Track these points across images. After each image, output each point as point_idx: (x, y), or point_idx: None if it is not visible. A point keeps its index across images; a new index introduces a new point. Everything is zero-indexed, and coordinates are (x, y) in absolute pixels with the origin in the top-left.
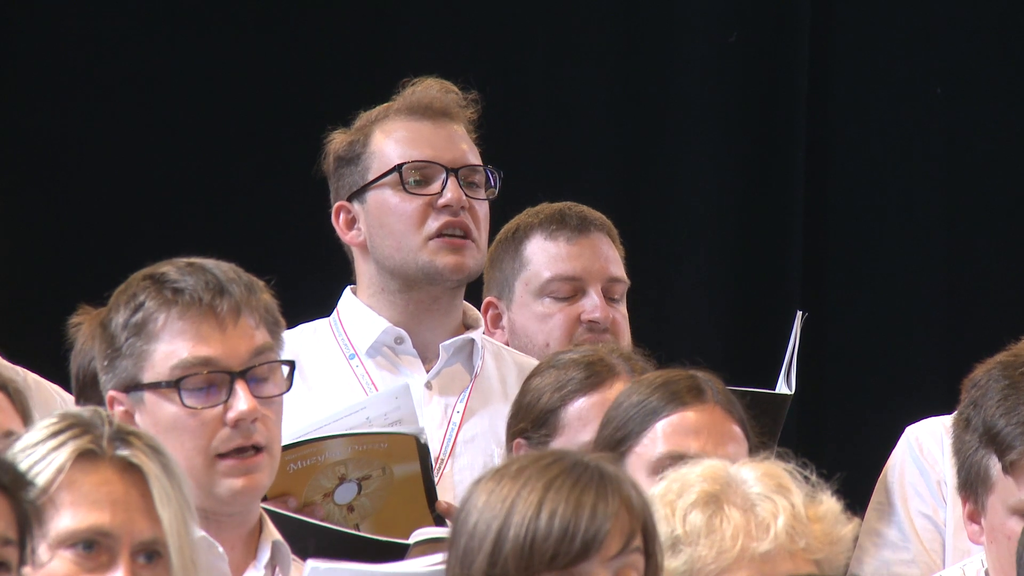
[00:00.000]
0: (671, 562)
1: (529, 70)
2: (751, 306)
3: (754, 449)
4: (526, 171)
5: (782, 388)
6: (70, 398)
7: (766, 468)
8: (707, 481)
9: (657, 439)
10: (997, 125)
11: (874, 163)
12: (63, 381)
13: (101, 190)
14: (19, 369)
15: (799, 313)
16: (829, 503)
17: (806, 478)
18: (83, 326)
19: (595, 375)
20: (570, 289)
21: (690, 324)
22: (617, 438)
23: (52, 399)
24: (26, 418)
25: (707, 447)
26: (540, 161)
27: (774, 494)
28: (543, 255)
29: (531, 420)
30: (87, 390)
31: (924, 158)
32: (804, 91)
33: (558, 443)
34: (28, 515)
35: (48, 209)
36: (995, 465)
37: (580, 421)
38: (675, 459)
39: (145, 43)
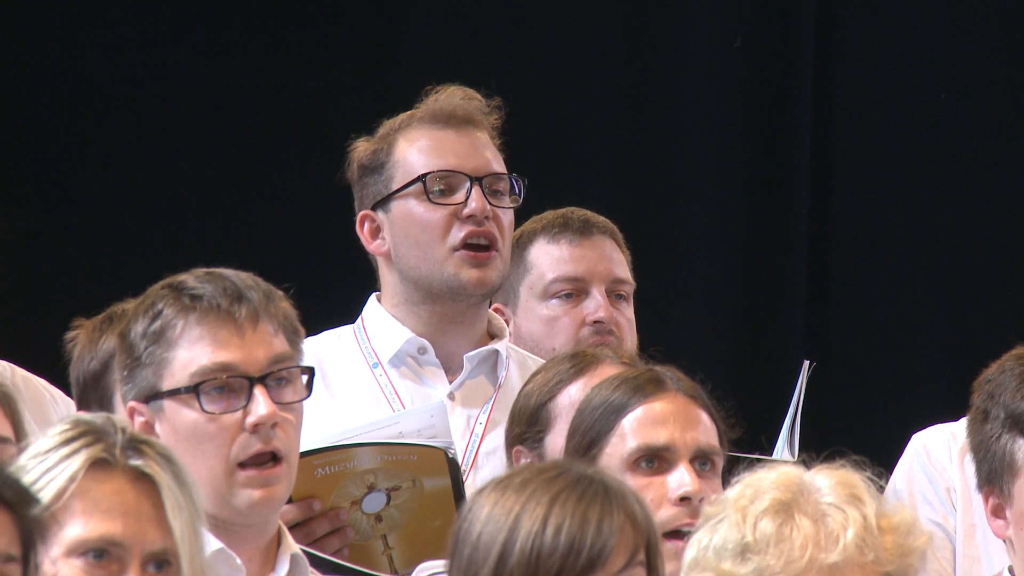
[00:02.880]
0: (739, 569)
1: (533, 76)
2: (755, 311)
3: (724, 436)
4: (531, 177)
5: (784, 454)
6: (59, 394)
7: (841, 477)
8: (780, 488)
9: (626, 435)
10: (1001, 131)
11: (878, 167)
12: (65, 387)
13: (119, 199)
14: (6, 365)
15: (806, 363)
16: (903, 514)
17: (881, 488)
18: (80, 333)
19: (579, 363)
20: (573, 290)
21: (694, 328)
22: (586, 443)
23: (42, 395)
24: (15, 423)
25: (675, 434)
26: (545, 167)
27: (846, 505)
28: (546, 258)
29: (524, 422)
30: (87, 392)
31: (928, 163)
32: (808, 96)
33: (553, 435)
34: (32, 531)
35: (68, 218)
36: (1021, 447)
37: (571, 407)
38: (647, 451)
39: (164, 52)
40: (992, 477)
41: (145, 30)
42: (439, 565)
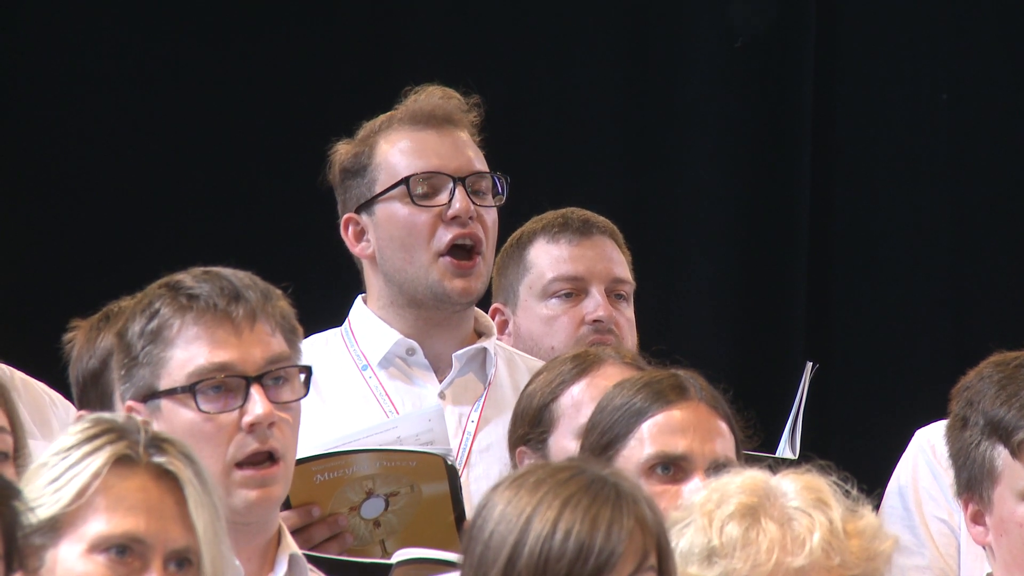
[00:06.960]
0: (705, 572)
1: (535, 75)
2: (756, 311)
3: (740, 445)
4: (532, 177)
5: (785, 452)
6: (59, 397)
7: (807, 481)
8: (746, 493)
9: (644, 440)
10: (1002, 131)
11: (879, 168)
12: (64, 391)
13: (108, 200)
14: (5, 368)
15: (809, 365)
16: (869, 518)
17: (847, 492)
18: (77, 333)
19: (581, 363)
20: (573, 289)
21: (695, 329)
22: (603, 443)
23: (41, 398)
24: (10, 411)
25: (694, 444)
26: (546, 167)
27: (812, 509)
28: (546, 257)
29: (528, 422)
30: (87, 391)
31: (929, 164)
32: (810, 97)
33: (556, 435)
34: (14, 526)
35: (65, 218)
36: (1000, 454)
37: (574, 407)
38: (663, 459)
39: (153, 52)
40: (972, 484)
41: (146, 30)
42: (418, 552)
